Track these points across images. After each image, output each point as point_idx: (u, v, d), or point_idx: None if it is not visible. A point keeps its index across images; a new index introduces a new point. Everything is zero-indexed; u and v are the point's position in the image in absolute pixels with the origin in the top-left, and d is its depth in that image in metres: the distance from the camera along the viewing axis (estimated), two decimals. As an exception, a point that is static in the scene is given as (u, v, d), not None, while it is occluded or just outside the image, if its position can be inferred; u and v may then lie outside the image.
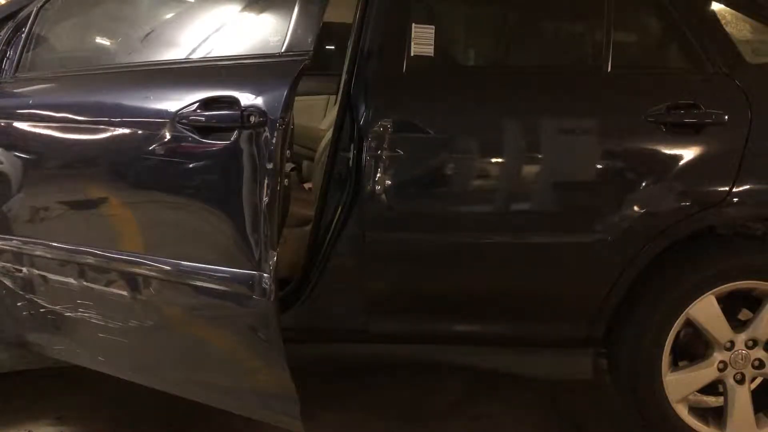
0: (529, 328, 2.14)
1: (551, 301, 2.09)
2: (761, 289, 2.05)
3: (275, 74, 1.79)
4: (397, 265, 2.08)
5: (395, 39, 2.04)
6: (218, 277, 1.81)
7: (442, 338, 2.16)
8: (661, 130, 1.98)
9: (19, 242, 2.14)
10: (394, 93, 2.06)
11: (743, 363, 2.06)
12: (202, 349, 1.98)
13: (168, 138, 1.85)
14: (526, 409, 2.54)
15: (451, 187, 2.06)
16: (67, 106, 2.11)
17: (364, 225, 2.02)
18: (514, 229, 2.06)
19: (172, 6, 2.33)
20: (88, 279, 2.02)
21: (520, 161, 2.05)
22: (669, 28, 2.12)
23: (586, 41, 2.26)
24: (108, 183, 1.99)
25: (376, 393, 2.64)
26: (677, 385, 2.08)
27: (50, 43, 2.39)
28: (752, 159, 1.98)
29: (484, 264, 2.08)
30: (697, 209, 1.99)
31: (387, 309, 2.12)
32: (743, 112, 1.98)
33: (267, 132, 1.71)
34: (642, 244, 2.00)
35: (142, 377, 2.11)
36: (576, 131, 2.07)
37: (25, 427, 2.34)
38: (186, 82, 1.96)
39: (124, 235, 2.00)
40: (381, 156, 1.97)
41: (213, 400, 2.00)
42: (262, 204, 1.70)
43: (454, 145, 2.06)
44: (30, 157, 2.14)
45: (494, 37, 2.41)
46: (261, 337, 1.78)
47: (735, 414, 2.07)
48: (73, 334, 2.16)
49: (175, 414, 2.40)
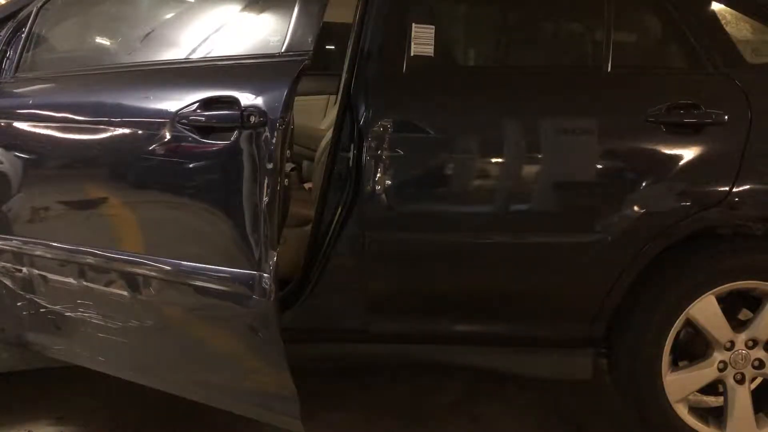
0: (529, 328, 2.14)
1: (551, 301, 2.09)
2: (761, 289, 2.05)
3: (275, 74, 1.79)
4: (397, 265, 2.08)
5: (395, 39, 2.04)
6: (218, 277, 1.81)
7: (442, 338, 2.16)
8: (661, 130, 1.98)
9: (19, 242, 2.14)
10: (394, 93, 2.06)
11: (743, 363, 2.06)
12: (202, 349, 1.98)
13: (168, 138, 1.85)
14: (526, 409, 2.54)
15: (451, 187, 2.06)
16: (67, 106, 2.11)
17: (364, 225, 2.02)
18: (514, 228, 2.06)
19: (172, 6, 2.33)
20: (88, 279, 2.02)
21: (519, 161, 2.05)
22: (669, 28, 2.12)
23: (586, 41, 2.26)
24: (108, 183, 1.99)
25: (376, 393, 2.64)
26: (677, 385, 2.08)
27: (50, 43, 2.39)
28: (752, 159, 1.98)
29: (484, 264, 2.08)
30: (697, 209, 1.99)
31: (387, 309, 2.12)
32: (743, 112, 1.98)
33: (267, 132, 1.71)
34: (642, 244, 2.00)
35: (142, 377, 2.11)
36: (576, 131, 2.07)
37: (25, 427, 2.34)
38: (186, 82, 1.96)
39: (124, 235, 2.00)
40: (381, 156, 1.97)
41: (213, 399, 2.00)
42: (262, 204, 1.70)
43: (454, 145, 2.06)
44: (30, 157, 2.14)
45: (494, 37, 2.41)
46: (261, 337, 1.78)
47: (735, 414, 2.07)
48: (73, 334, 2.16)
49: (175, 414, 2.40)
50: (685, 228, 2.00)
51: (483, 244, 2.06)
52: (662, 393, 2.07)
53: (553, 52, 2.27)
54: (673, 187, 2.00)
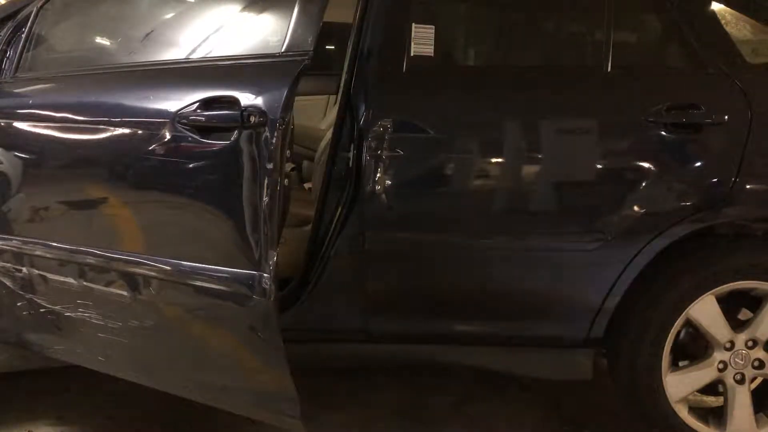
0: (530, 328, 2.14)
1: (551, 301, 2.09)
2: (761, 289, 2.05)
3: (275, 74, 1.79)
4: (397, 265, 2.08)
5: (395, 39, 2.04)
6: (218, 277, 1.81)
7: (442, 338, 2.16)
8: (661, 130, 1.98)
9: (19, 242, 2.14)
10: (394, 93, 2.06)
11: (743, 363, 2.06)
12: (202, 349, 1.98)
13: (168, 138, 1.85)
14: (526, 409, 2.54)
15: (451, 187, 2.06)
16: (67, 106, 2.11)
17: (364, 225, 2.02)
18: (514, 228, 2.06)
19: (172, 6, 2.33)
20: (88, 279, 2.02)
21: (519, 161, 2.05)
22: (669, 28, 2.13)
23: (586, 41, 2.26)
24: (108, 183, 1.99)
25: (376, 393, 2.64)
26: (677, 385, 2.08)
27: (50, 43, 2.39)
28: (752, 159, 1.98)
29: (484, 264, 2.08)
30: (697, 209, 1.99)
31: (387, 309, 2.12)
32: (743, 112, 1.98)
33: (267, 132, 1.71)
34: (642, 244, 2.00)
35: (142, 377, 2.11)
36: (576, 131, 2.07)
37: (25, 427, 2.34)
38: (186, 82, 1.95)
39: (124, 235, 2.00)
40: (381, 156, 1.97)
41: (213, 399, 2.00)
42: (262, 204, 1.70)
43: (453, 145, 2.06)
44: (30, 157, 2.14)
45: (494, 37, 2.41)
46: (261, 337, 1.78)
47: (735, 414, 2.07)
48: (73, 334, 2.16)
49: (176, 414, 2.40)
50: (685, 228, 2.00)
51: (483, 244, 2.07)
52: (662, 393, 2.07)
53: (553, 52, 2.27)
54: (672, 187, 2.00)
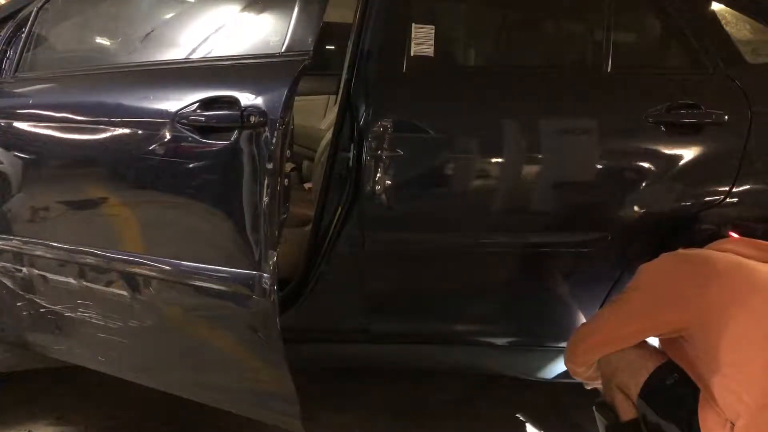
0: (530, 328, 2.14)
1: (551, 301, 2.09)
2: (761, 289, 2.05)
3: (275, 74, 1.79)
4: (397, 265, 2.08)
5: (395, 39, 2.04)
6: (218, 277, 1.81)
7: (442, 338, 2.16)
8: (661, 130, 1.98)
9: (19, 242, 2.14)
10: (394, 93, 2.06)
11: (743, 363, 2.06)
12: (202, 349, 1.98)
13: (168, 138, 1.85)
14: (526, 409, 2.54)
15: (451, 187, 2.06)
16: (67, 106, 2.11)
17: (364, 225, 2.02)
18: (514, 228, 2.06)
19: (172, 6, 2.33)
20: (88, 279, 2.02)
21: (519, 161, 2.05)
22: (669, 28, 2.13)
23: (586, 41, 2.26)
24: (108, 183, 1.99)
25: (376, 393, 2.64)
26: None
27: (50, 43, 2.39)
28: (752, 159, 1.98)
29: (484, 264, 2.08)
30: (697, 209, 1.99)
31: (387, 309, 2.12)
32: (743, 112, 1.99)
33: (267, 132, 1.71)
34: (642, 244, 2.00)
35: (142, 377, 2.11)
36: (576, 131, 2.07)
37: (25, 427, 2.34)
38: (186, 82, 1.95)
39: (124, 235, 2.00)
40: (381, 156, 1.97)
41: (213, 400, 2.00)
42: (262, 204, 1.70)
43: (453, 145, 2.06)
44: (30, 157, 2.14)
45: (494, 38, 2.41)
46: (261, 337, 1.78)
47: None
48: (73, 334, 2.16)
49: (176, 414, 2.40)
50: (685, 228, 2.00)
51: (483, 244, 2.07)
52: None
53: (553, 53, 2.27)
54: (672, 188, 2.00)
